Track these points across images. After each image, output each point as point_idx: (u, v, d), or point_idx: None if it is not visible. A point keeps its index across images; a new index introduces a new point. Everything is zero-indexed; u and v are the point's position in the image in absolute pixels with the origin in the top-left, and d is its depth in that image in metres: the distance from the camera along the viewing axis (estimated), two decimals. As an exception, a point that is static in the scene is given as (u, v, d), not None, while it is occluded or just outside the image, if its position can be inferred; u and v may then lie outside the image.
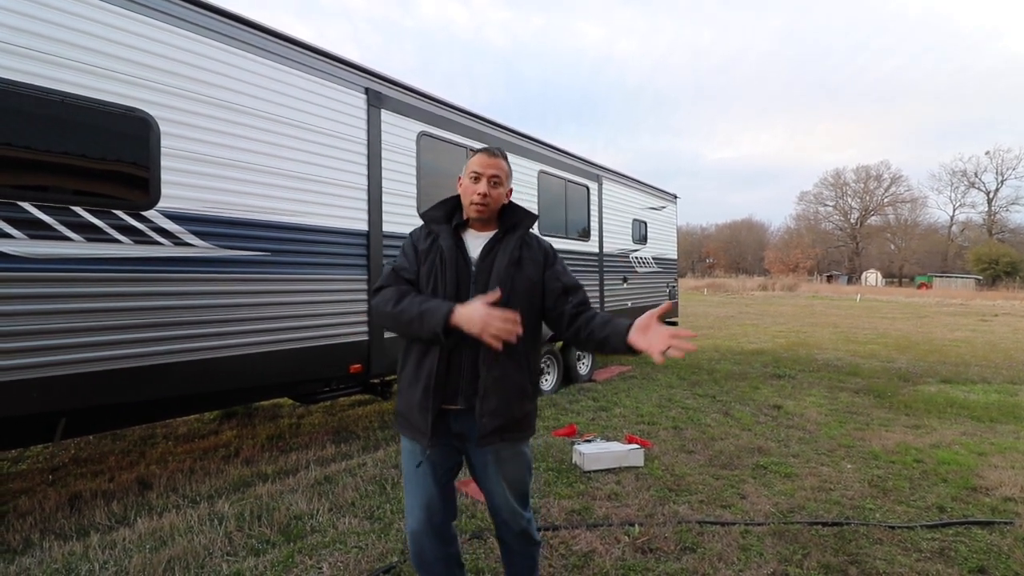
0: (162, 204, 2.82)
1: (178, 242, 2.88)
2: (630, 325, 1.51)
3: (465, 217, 1.70)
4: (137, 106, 2.73)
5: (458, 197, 1.73)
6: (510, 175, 1.72)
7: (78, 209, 2.55)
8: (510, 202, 1.75)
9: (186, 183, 2.91)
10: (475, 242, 1.68)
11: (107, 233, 2.64)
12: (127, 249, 2.70)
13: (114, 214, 2.66)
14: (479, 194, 1.63)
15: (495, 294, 1.47)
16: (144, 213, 2.76)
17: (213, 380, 3.05)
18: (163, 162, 2.82)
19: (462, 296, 1.59)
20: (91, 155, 2.61)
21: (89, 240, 2.58)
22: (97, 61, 2.61)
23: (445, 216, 1.71)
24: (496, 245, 1.66)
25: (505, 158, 1.71)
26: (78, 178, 2.58)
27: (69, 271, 2.52)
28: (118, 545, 2.50)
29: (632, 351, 1.49)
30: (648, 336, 1.45)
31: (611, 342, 1.55)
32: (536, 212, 5.66)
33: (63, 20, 2.50)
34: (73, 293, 2.54)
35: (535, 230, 1.87)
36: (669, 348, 1.38)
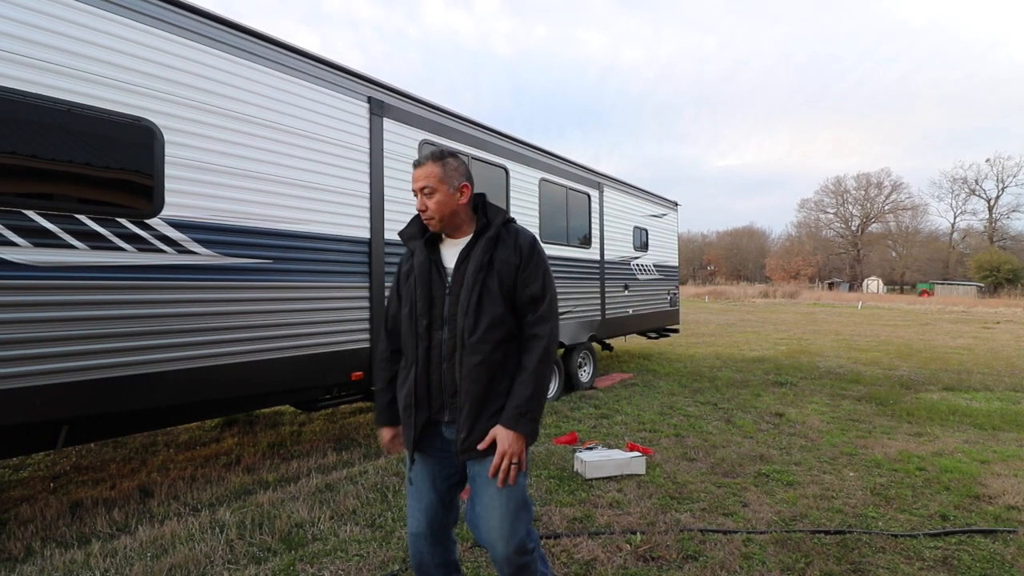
0: (166, 212, 2.84)
1: (181, 250, 2.90)
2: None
3: None
4: (142, 115, 2.76)
5: None
6: (446, 176, 1.58)
7: (82, 217, 2.57)
8: (483, 201, 1.67)
9: (190, 191, 2.94)
10: (451, 251, 1.65)
11: (111, 241, 2.66)
12: (131, 257, 2.72)
13: (118, 222, 2.68)
14: (420, 211, 1.61)
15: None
16: (148, 221, 2.78)
17: (215, 387, 3.06)
18: (167, 170, 2.85)
19: (436, 309, 1.59)
20: (96, 163, 2.64)
21: (93, 248, 2.60)
22: (104, 71, 2.64)
23: (420, 231, 1.67)
24: (470, 252, 1.60)
25: (437, 158, 1.59)
26: (83, 186, 2.60)
27: (73, 279, 2.54)
28: (119, 553, 2.50)
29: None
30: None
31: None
32: (537, 219, 5.71)
33: (70, 31, 2.54)
34: (77, 301, 2.55)
35: (537, 235, 1.79)
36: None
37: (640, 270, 8.08)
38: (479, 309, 1.54)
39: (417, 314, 1.59)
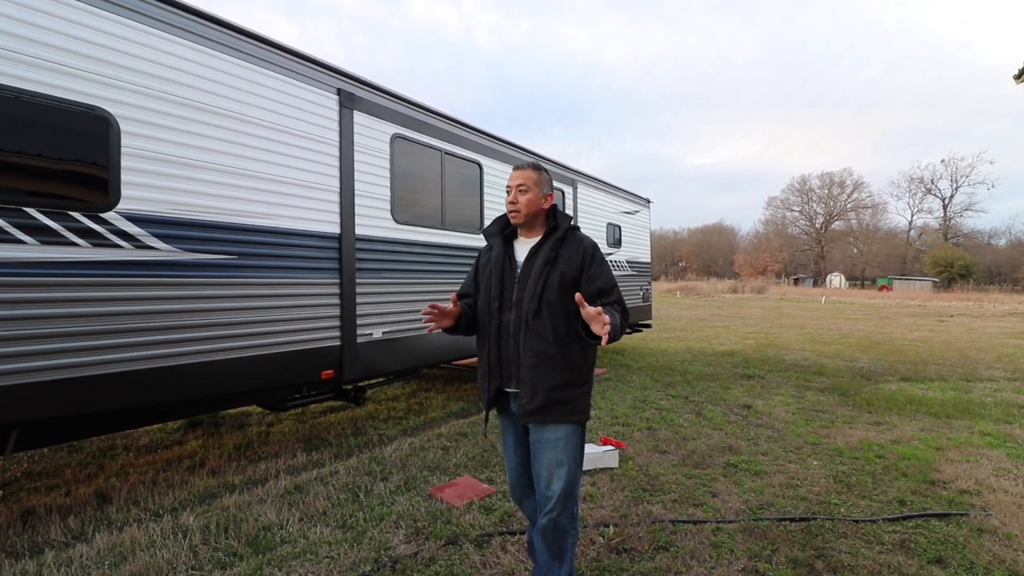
0: (122, 206, 2.72)
1: (139, 245, 2.78)
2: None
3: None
4: (96, 103, 2.64)
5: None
6: (540, 182, 1.92)
7: (31, 210, 2.44)
8: (553, 208, 1.97)
9: (148, 184, 2.82)
10: (523, 248, 1.96)
11: (63, 236, 2.53)
12: (84, 252, 2.60)
13: (71, 216, 2.56)
14: (509, 203, 1.93)
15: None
16: (103, 215, 2.66)
17: (177, 388, 2.95)
18: (123, 162, 2.73)
19: (506, 294, 1.89)
20: (46, 154, 2.50)
21: (43, 243, 2.47)
22: (54, 56, 2.50)
23: (499, 230, 2.01)
24: (539, 248, 1.90)
25: (534, 168, 1.94)
26: (32, 178, 2.47)
27: (21, 275, 2.41)
28: (75, 562, 2.39)
29: (590, 336, 1.74)
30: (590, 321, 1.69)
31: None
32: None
33: (16, 13, 2.40)
34: (26, 299, 2.42)
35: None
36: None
37: (613, 266, 8.16)
38: (542, 296, 1.81)
39: (491, 297, 1.90)
